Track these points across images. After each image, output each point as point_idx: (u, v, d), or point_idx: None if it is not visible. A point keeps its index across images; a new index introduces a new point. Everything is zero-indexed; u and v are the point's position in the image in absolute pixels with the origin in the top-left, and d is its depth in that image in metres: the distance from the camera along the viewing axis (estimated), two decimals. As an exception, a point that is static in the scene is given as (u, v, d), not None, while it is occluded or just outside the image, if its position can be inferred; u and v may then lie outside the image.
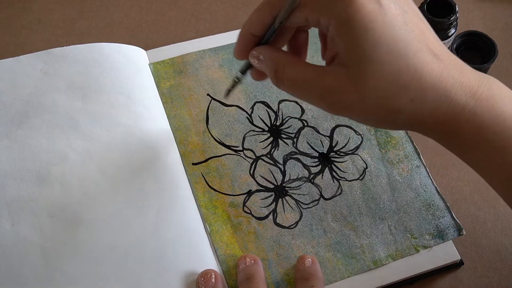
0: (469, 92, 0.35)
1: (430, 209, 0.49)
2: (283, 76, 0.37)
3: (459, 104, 0.35)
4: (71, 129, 0.51)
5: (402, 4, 0.35)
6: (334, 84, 0.35)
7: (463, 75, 0.35)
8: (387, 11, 0.33)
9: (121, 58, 0.56)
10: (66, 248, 0.45)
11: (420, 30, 0.35)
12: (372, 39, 0.33)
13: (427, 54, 0.34)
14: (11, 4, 0.64)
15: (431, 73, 0.34)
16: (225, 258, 0.47)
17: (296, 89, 0.38)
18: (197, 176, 0.51)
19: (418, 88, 0.34)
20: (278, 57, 0.38)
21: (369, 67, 0.34)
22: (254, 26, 0.38)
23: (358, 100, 0.35)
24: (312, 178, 0.51)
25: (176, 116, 0.54)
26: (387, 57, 0.33)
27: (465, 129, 0.35)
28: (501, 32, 0.62)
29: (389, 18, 0.33)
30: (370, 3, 0.33)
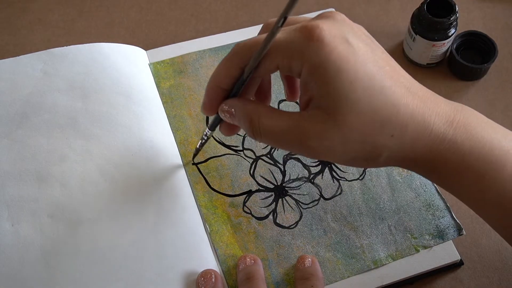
0: (446, 121, 0.35)
1: (430, 209, 0.49)
2: (259, 127, 0.37)
3: (439, 133, 0.35)
4: (71, 129, 0.51)
5: (368, 42, 0.35)
6: (313, 128, 0.34)
7: (438, 106, 0.36)
8: (357, 51, 0.34)
9: (121, 58, 0.56)
10: (66, 248, 0.45)
11: (390, 66, 0.35)
12: (347, 79, 0.33)
13: (401, 88, 0.35)
14: (11, 4, 0.64)
15: (408, 107, 0.34)
16: (225, 258, 0.47)
17: (274, 139, 0.37)
18: (197, 176, 0.51)
19: (398, 123, 0.34)
20: (251, 109, 0.37)
21: (347, 107, 0.33)
22: (222, 80, 0.38)
23: (340, 142, 0.34)
24: (312, 178, 0.51)
25: (176, 116, 0.54)
26: (363, 95, 0.33)
27: (446, 158, 0.36)
28: (501, 32, 0.62)
29: (360, 57, 0.34)
30: (340, 44, 0.33)
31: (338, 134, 0.34)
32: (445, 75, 0.60)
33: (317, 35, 0.33)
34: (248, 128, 0.37)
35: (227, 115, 0.39)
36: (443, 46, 0.57)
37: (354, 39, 0.34)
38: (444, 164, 0.36)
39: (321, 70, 0.33)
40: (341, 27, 0.35)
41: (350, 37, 0.34)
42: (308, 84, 0.35)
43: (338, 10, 0.63)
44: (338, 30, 0.34)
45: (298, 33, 0.34)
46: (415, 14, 0.58)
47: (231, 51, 0.37)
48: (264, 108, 0.37)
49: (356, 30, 0.36)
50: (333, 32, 0.34)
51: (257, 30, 0.59)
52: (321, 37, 0.33)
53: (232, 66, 0.37)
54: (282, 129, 0.36)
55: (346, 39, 0.34)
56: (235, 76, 0.37)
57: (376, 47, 0.36)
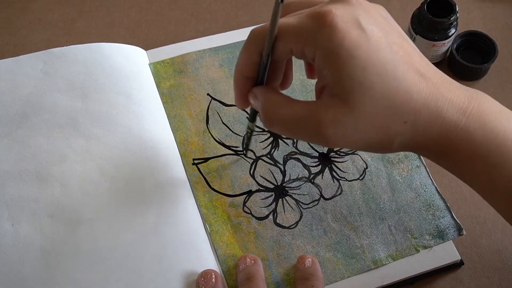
0: (459, 109, 0.35)
1: (430, 209, 0.49)
2: (273, 116, 0.37)
3: (451, 122, 0.35)
4: (71, 129, 0.51)
5: (383, 26, 0.35)
6: (328, 116, 0.34)
7: (452, 92, 0.35)
8: (370, 36, 0.33)
9: (121, 58, 0.56)
10: (66, 248, 0.45)
11: (404, 50, 0.35)
12: (360, 66, 0.33)
13: (414, 74, 0.34)
14: (11, 4, 0.64)
15: (421, 93, 0.34)
16: (225, 258, 0.47)
17: (288, 128, 0.37)
18: (197, 176, 0.51)
19: (410, 109, 0.34)
20: (267, 98, 0.37)
21: (360, 94, 0.33)
22: (244, 68, 0.38)
23: (353, 129, 0.34)
24: (312, 178, 0.51)
25: (176, 116, 0.54)
26: (376, 82, 0.33)
27: (458, 146, 0.35)
28: (501, 32, 0.62)
29: (373, 43, 0.33)
30: (353, 30, 0.33)
31: (352, 121, 0.34)
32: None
33: (330, 21, 0.33)
34: (262, 118, 0.38)
35: (253, 103, 0.39)
36: (443, 46, 0.57)
37: (368, 23, 0.34)
38: (455, 152, 0.36)
39: (333, 56, 0.33)
40: (355, 11, 0.34)
41: (364, 21, 0.34)
42: (321, 70, 0.35)
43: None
44: (351, 15, 0.34)
45: (310, 19, 0.34)
46: (415, 14, 0.58)
47: (247, 39, 0.37)
48: (279, 97, 0.37)
49: (373, 12, 0.35)
50: (346, 18, 0.33)
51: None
52: (334, 23, 0.33)
53: (251, 53, 0.37)
54: (296, 117, 0.36)
55: (359, 24, 0.33)
56: (256, 62, 0.37)
57: (392, 30, 0.35)
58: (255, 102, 0.39)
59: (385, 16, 0.36)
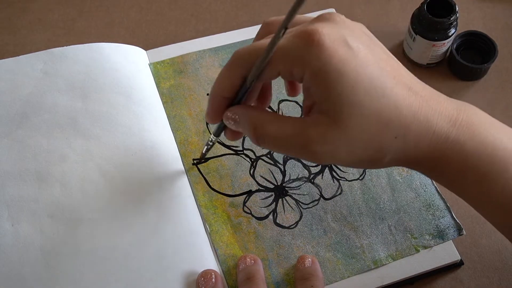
0: (449, 120, 0.35)
1: (430, 209, 0.49)
2: (263, 134, 0.37)
3: (442, 133, 0.35)
4: (71, 129, 0.51)
5: (368, 43, 0.35)
6: (317, 133, 0.34)
7: (441, 105, 0.35)
8: (357, 53, 0.33)
9: (121, 58, 0.56)
10: (66, 248, 0.45)
11: (391, 66, 0.35)
12: (348, 83, 0.33)
13: (403, 89, 0.34)
14: (11, 4, 0.64)
15: (410, 108, 0.34)
16: (225, 258, 0.47)
17: (278, 146, 0.37)
18: (197, 176, 0.51)
19: (400, 124, 0.34)
20: (255, 116, 0.37)
21: (349, 111, 0.33)
22: (224, 89, 0.38)
23: (343, 146, 0.34)
24: (312, 178, 0.51)
25: (176, 116, 0.54)
26: (365, 98, 0.33)
27: (449, 158, 0.35)
28: (501, 32, 0.62)
29: (361, 59, 0.33)
30: (340, 48, 0.33)
31: (341, 138, 0.34)
32: (445, 75, 0.60)
33: (317, 40, 0.33)
34: (252, 135, 0.37)
35: (231, 122, 0.38)
36: (443, 46, 0.57)
37: (354, 41, 0.34)
38: (446, 164, 0.36)
39: (322, 74, 0.33)
40: (341, 29, 0.34)
41: (350, 39, 0.34)
42: (310, 89, 0.35)
43: (338, 10, 0.63)
44: (337, 33, 0.34)
45: (298, 39, 0.34)
46: (415, 14, 0.58)
47: (230, 60, 0.37)
48: (267, 115, 0.37)
49: (356, 31, 0.35)
50: (333, 36, 0.33)
51: (257, 30, 0.59)
52: (321, 41, 0.33)
53: (234, 75, 0.37)
54: (286, 135, 0.36)
55: (346, 42, 0.34)
56: (237, 85, 0.37)
57: (376, 47, 0.36)
58: (233, 122, 0.38)
59: (368, 34, 0.37)
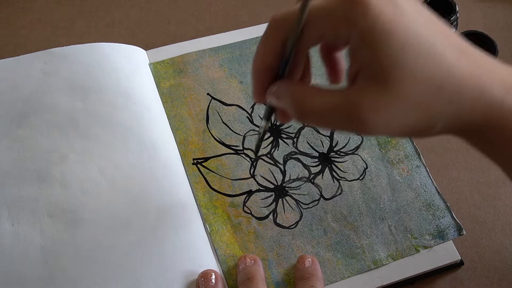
0: (504, 87, 0.33)
1: (430, 209, 0.49)
2: (307, 109, 0.34)
3: (497, 100, 0.33)
4: (71, 129, 0.51)
5: (415, 4, 0.33)
6: (367, 100, 0.32)
7: (495, 70, 0.34)
8: (405, 12, 0.32)
9: (121, 58, 0.56)
10: (66, 248, 0.45)
11: (440, 27, 0.33)
12: (398, 43, 0.31)
13: (454, 51, 0.32)
14: (11, 4, 0.64)
15: (463, 72, 0.32)
16: (225, 258, 0.47)
17: (324, 120, 0.34)
18: (197, 176, 0.51)
19: (454, 88, 0.32)
20: (296, 90, 0.35)
21: (400, 74, 0.31)
22: (265, 59, 0.35)
23: (395, 113, 0.32)
24: (312, 178, 0.51)
25: (176, 116, 0.54)
26: (416, 60, 0.31)
27: (504, 126, 0.33)
28: (501, 32, 0.62)
29: (410, 19, 0.32)
30: (387, 6, 0.31)
31: (393, 104, 0.32)
32: (445, 75, 0.60)
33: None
34: (294, 111, 0.35)
35: (274, 99, 0.36)
36: (443, 46, 0.57)
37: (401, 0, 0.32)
38: (500, 133, 0.34)
39: (370, 35, 0.31)
40: None
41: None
42: (356, 52, 0.33)
43: (338, 10, 0.63)
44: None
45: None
46: (415, 14, 0.58)
47: (267, 27, 0.34)
48: (310, 88, 0.35)
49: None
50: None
51: (257, 30, 0.60)
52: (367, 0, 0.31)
53: (272, 42, 0.34)
54: (332, 107, 0.33)
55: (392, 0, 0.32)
56: (278, 53, 0.35)
57: (424, 9, 0.33)
58: (275, 99, 0.36)
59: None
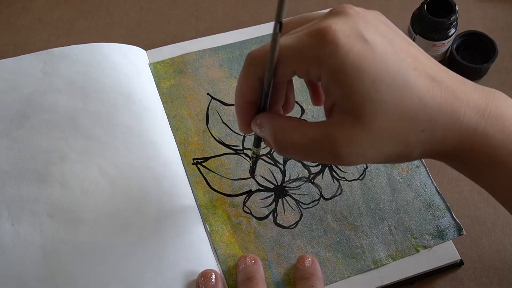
0: (477, 112, 0.34)
1: (430, 209, 0.49)
2: (285, 142, 0.35)
3: (470, 126, 0.34)
4: (71, 129, 0.51)
5: (386, 34, 0.33)
6: (341, 135, 0.33)
7: (468, 94, 0.34)
8: (375, 46, 0.32)
9: (121, 58, 0.56)
10: (66, 248, 0.45)
11: (412, 56, 0.33)
12: (368, 79, 0.32)
13: (426, 80, 0.33)
14: (11, 4, 0.64)
15: (435, 99, 0.33)
16: (225, 258, 0.47)
17: (302, 153, 0.36)
18: (197, 176, 0.51)
19: (426, 117, 0.33)
20: (276, 124, 0.36)
21: (372, 109, 0.32)
22: (245, 94, 0.36)
23: (370, 145, 0.33)
24: (312, 178, 0.51)
25: (176, 116, 0.54)
26: (387, 94, 0.32)
27: (478, 151, 0.34)
28: (501, 32, 0.62)
29: (379, 53, 0.32)
30: (356, 43, 0.32)
31: (368, 137, 0.33)
32: (445, 75, 0.60)
33: (331, 37, 0.32)
34: (274, 145, 0.36)
35: (258, 130, 0.37)
36: (443, 46, 0.57)
37: (370, 34, 0.32)
38: (474, 157, 0.35)
39: (340, 74, 0.32)
40: (355, 22, 0.33)
41: (366, 32, 0.32)
42: (329, 88, 0.33)
43: (338, 10, 0.63)
44: (352, 27, 0.32)
45: (311, 37, 0.33)
46: (415, 14, 0.58)
47: (245, 63, 0.36)
48: (289, 121, 0.36)
49: (372, 21, 0.34)
50: (347, 31, 0.32)
51: (257, 30, 0.60)
52: (336, 39, 0.32)
53: (250, 79, 0.35)
54: (309, 141, 0.34)
55: (361, 35, 0.32)
56: (257, 88, 0.36)
57: (395, 35, 0.34)
58: (259, 130, 0.37)
59: (385, 22, 0.35)
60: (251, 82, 0.36)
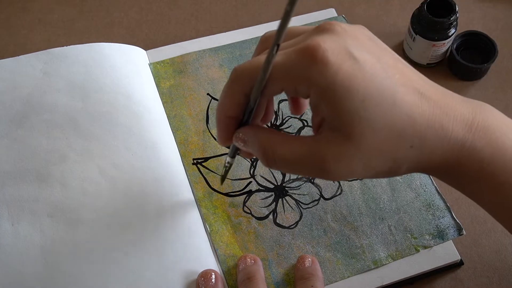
0: (465, 126, 0.34)
1: (430, 209, 0.49)
2: (274, 156, 0.35)
3: (458, 140, 0.34)
4: (71, 129, 0.51)
5: (374, 50, 0.34)
6: (330, 152, 0.33)
7: (456, 109, 0.34)
8: (363, 64, 0.32)
9: (121, 58, 0.56)
10: (66, 248, 0.45)
11: (400, 72, 0.34)
12: (357, 98, 0.32)
13: (414, 96, 0.33)
14: (11, 4, 0.64)
15: (424, 115, 0.33)
16: (225, 258, 0.47)
17: (291, 167, 0.36)
18: (197, 176, 0.51)
19: (415, 133, 0.33)
20: (264, 138, 0.36)
21: (361, 126, 0.32)
22: (228, 109, 0.36)
23: (359, 162, 0.33)
24: (312, 178, 0.51)
25: (176, 116, 0.54)
26: (376, 111, 0.32)
27: (466, 165, 0.35)
28: (501, 32, 0.62)
29: (368, 71, 0.32)
30: (345, 62, 0.32)
31: (356, 155, 0.33)
32: (445, 75, 0.60)
33: (320, 56, 0.32)
34: (262, 158, 0.36)
35: (241, 143, 0.37)
36: (443, 46, 0.57)
37: (358, 51, 0.33)
38: (463, 171, 0.35)
39: (329, 93, 0.32)
40: (343, 40, 0.33)
41: (355, 50, 0.32)
42: (318, 106, 0.34)
43: (338, 10, 0.63)
44: (340, 45, 0.33)
45: (299, 56, 0.32)
46: (415, 14, 0.58)
47: (230, 78, 0.35)
48: (277, 136, 0.36)
49: (360, 38, 0.34)
50: (336, 50, 0.32)
51: (257, 30, 0.60)
52: (325, 58, 0.32)
53: (235, 95, 0.35)
54: (298, 156, 0.34)
55: (350, 53, 0.32)
56: (241, 103, 0.36)
57: (382, 52, 0.34)
58: (243, 144, 0.37)
59: (372, 38, 0.35)
60: (236, 97, 0.35)
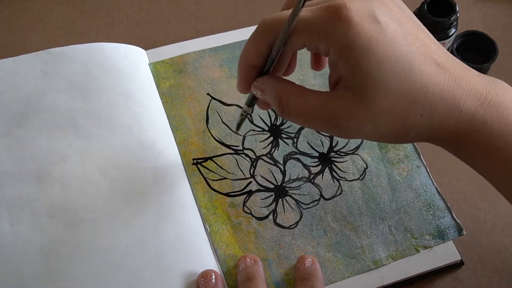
0: (477, 100, 0.35)
1: (430, 209, 0.49)
2: (288, 107, 0.37)
3: (469, 113, 0.34)
4: (71, 129, 0.51)
5: (398, 17, 0.34)
6: (342, 108, 0.34)
7: (470, 83, 0.35)
8: (385, 29, 0.33)
9: (121, 58, 0.56)
10: (66, 248, 0.45)
11: (420, 41, 0.34)
12: (375, 60, 0.33)
13: (431, 66, 0.34)
14: (11, 4, 0.64)
15: (438, 85, 0.34)
16: (225, 258, 0.47)
17: (303, 119, 0.37)
18: (197, 176, 0.51)
19: (426, 102, 0.34)
20: (280, 88, 0.37)
21: (375, 88, 0.33)
22: (251, 58, 0.38)
23: (368, 122, 0.34)
24: (312, 178, 0.51)
25: (176, 116, 0.54)
26: (391, 76, 0.33)
27: (475, 138, 0.35)
28: (501, 32, 0.62)
29: (389, 35, 0.33)
30: (368, 23, 0.33)
31: (366, 115, 0.34)
32: (445, 75, 0.60)
33: (344, 15, 0.33)
34: (277, 107, 0.38)
35: (259, 92, 0.39)
36: (444, 46, 0.57)
37: (383, 15, 0.33)
38: (472, 144, 0.35)
39: (348, 51, 0.33)
40: (369, 3, 0.34)
41: (379, 13, 0.33)
42: (336, 64, 0.35)
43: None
44: (366, 8, 0.33)
45: (324, 13, 0.33)
46: (415, 14, 0.58)
47: (256, 29, 0.37)
48: (293, 87, 0.37)
49: (387, 3, 0.35)
50: (361, 11, 0.33)
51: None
52: (349, 17, 0.33)
53: (259, 44, 0.37)
54: (311, 108, 0.36)
55: (374, 16, 0.33)
56: (264, 54, 0.37)
57: (407, 20, 0.35)
58: (260, 93, 0.39)
59: (399, 5, 0.36)
60: (259, 47, 0.37)
